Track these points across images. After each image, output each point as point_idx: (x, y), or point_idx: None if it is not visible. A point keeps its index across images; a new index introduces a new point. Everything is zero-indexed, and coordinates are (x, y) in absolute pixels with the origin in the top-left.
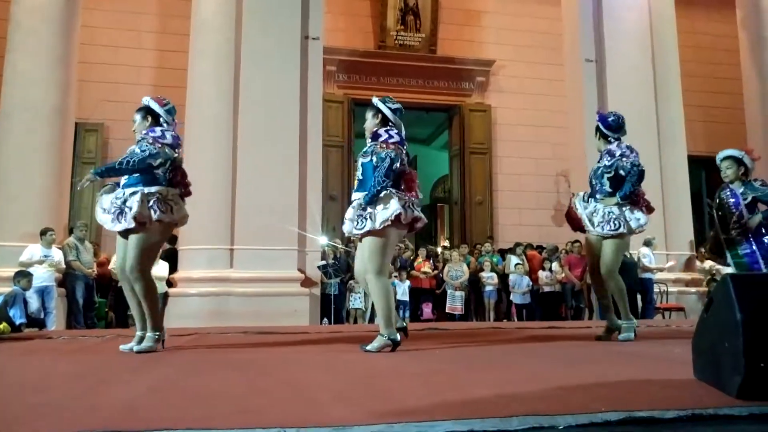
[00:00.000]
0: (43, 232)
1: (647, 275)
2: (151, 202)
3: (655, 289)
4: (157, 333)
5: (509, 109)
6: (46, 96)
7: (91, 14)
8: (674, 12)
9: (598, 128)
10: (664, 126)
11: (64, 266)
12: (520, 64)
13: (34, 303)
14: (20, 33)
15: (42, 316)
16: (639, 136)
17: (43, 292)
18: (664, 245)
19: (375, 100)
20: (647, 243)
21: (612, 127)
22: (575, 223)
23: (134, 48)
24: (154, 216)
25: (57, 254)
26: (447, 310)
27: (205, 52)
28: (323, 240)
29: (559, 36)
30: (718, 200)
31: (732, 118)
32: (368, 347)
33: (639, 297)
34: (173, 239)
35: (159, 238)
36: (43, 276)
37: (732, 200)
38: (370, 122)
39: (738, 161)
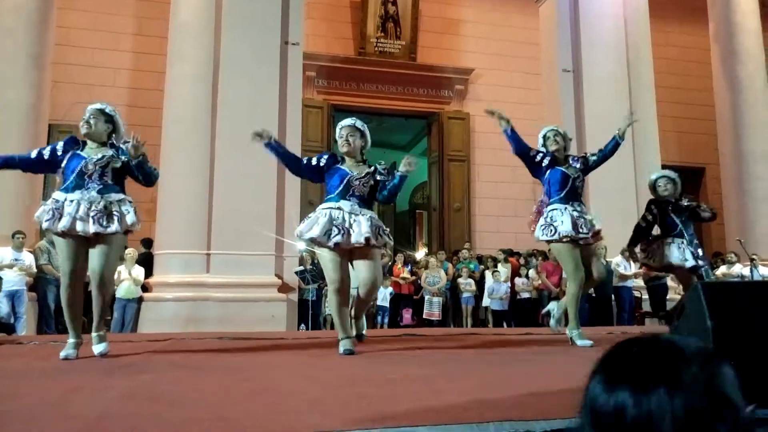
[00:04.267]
0: (12, 235)
1: (622, 283)
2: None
3: (637, 294)
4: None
5: (487, 117)
6: (19, 96)
7: (66, 14)
8: (649, 23)
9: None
10: (639, 135)
11: (35, 270)
12: (498, 73)
13: (4, 307)
14: None
15: (12, 320)
16: None
17: (13, 297)
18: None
19: (363, 125)
20: (622, 252)
21: None
22: None
23: (110, 50)
24: (138, 225)
25: (28, 258)
26: (424, 316)
27: (184, 55)
28: (301, 245)
29: (536, 45)
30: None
31: (703, 129)
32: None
33: (614, 304)
34: (149, 243)
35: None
36: (13, 280)
37: None
38: (362, 142)
39: (673, 181)
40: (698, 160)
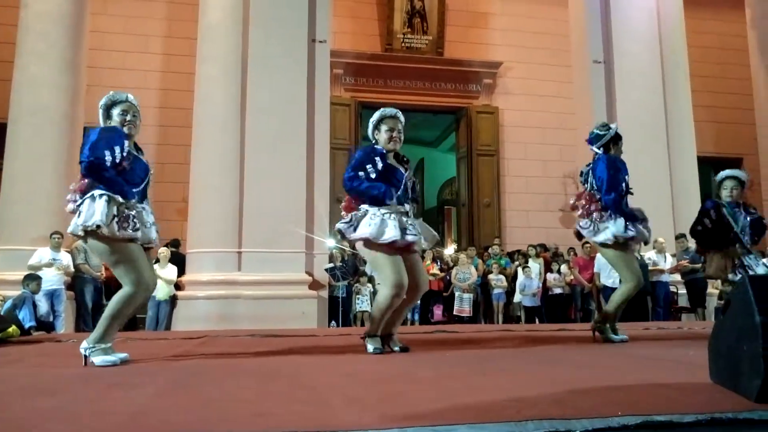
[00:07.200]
0: (50, 236)
1: (657, 278)
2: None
3: (672, 289)
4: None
5: (516, 111)
6: (55, 100)
7: (99, 19)
8: (683, 12)
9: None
10: (673, 127)
11: (72, 269)
12: (528, 66)
13: (43, 306)
14: (30, 37)
15: (51, 319)
16: (648, 138)
17: (52, 295)
18: (674, 246)
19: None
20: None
21: (589, 141)
22: None
23: (142, 52)
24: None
25: (65, 257)
26: (455, 312)
27: (212, 55)
28: (331, 243)
29: (566, 37)
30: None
31: (740, 119)
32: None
33: (648, 299)
34: (176, 243)
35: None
36: (52, 279)
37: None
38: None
39: (742, 183)
40: (735, 151)
